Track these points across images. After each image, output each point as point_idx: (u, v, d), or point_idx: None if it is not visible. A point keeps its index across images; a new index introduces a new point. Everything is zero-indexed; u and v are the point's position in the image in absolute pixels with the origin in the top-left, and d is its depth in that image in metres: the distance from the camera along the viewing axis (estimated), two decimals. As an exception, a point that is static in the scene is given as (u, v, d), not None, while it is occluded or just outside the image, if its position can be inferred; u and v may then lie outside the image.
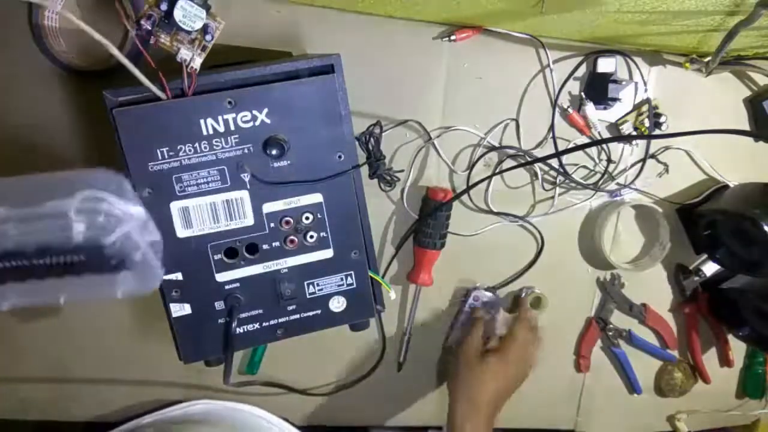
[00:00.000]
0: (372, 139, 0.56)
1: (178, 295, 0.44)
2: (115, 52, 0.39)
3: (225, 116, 0.42)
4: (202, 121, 0.42)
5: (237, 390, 0.63)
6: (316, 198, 0.46)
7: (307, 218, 0.46)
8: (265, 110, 0.42)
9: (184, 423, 0.61)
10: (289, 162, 0.44)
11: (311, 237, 0.46)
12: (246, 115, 0.42)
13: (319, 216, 0.46)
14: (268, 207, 0.45)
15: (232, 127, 0.42)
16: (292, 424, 0.65)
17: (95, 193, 0.35)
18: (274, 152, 0.43)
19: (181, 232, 0.44)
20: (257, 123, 0.43)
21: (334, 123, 0.44)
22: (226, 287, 0.46)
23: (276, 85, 0.43)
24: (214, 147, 0.42)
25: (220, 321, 0.46)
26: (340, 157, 0.45)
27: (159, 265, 0.40)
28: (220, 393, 0.63)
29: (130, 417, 0.63)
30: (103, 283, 0.39)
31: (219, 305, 0.46)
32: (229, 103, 0.42)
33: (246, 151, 0.43)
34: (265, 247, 0.46)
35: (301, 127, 0.44)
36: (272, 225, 0.45)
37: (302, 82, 0.43)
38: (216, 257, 0.45)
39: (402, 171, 0.60)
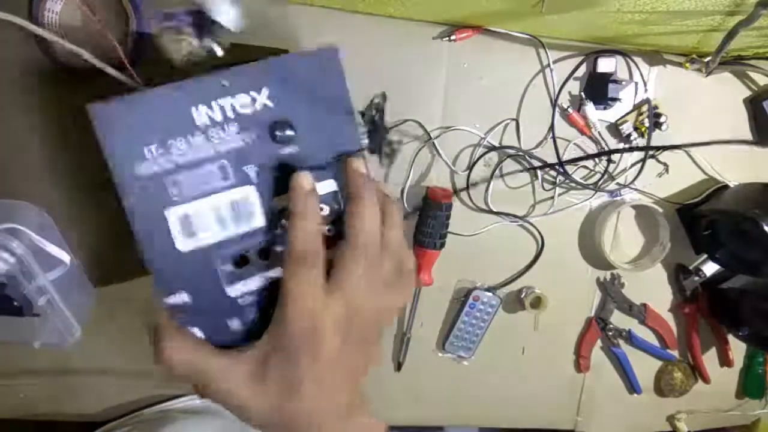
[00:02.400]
0: (377, 113, 0.55)
1: (185, 319, 0.38)
2: (91, 58, 0.38)
3: (220, 101, 0.36)
4: (193, 109, 0.36)
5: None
6: (330, 186, 0.39)
7: (321, 209, 0.39)
8: (265, 91, 0.37)
9: (184, 413, 0.61)
10: (298, 149, 0.38)
11: (329, 231, 0.39)
12: (244, 98, 0.37)
13: (335, 207, 0.39)
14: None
15: (230, 114, 0.36)
16: None
17: (16, 227, 0.34)
18: (285, 134, 0.38)
19: (183, 244, 0.36)
20: (258, 106, 0.37)
21: (337, 102, 0.39)
22: (240, 301, 0.38)
23: (273, 60, 0.37)
24: (211, 139, 0.36)
25: (239, 340, 0.38)
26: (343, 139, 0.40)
27: (75, 323, 0.38)
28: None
29: (131, 412, 0.63)
30: (22, 328, 0.38)
31: (235, 324, 0.38)
32: (223, 85, 0.36)
33: (248, 140, 0.37)
34: (279, 249, 0.38)
35: (305, 109, 0.39)
36: (285, 222, 0.38)
37: (304, 53, 0.38)
38: (224, 268, 0.38)
39: (401, 142, 0.59)
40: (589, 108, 0.61)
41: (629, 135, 0.63)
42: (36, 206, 0.36)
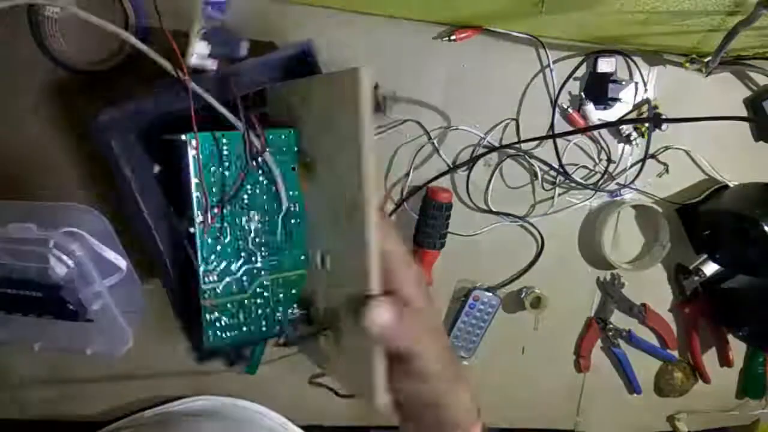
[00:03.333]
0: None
1: None
2: (136, 41, 0.38)
3: None
4: None
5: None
6: None
7: None
8: None
9: (185, 416, 0.61)
10: None
11: None
12: None
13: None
14: None
15: None
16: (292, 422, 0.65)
17: (76, 231, 0.34)
18: None
19: None
20: None
21: None
22: None
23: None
24: None
25: None
26: None
27: (128, 330, 0.38)
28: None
29: (131, 413, 0.63)
30: (75, 335, 0.38)
31: None
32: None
33: None
34: None
35: None
36: None
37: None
38: None
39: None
40: (589, 108, 0.61)
41: (629, 135, 0.63)
42: (97, 211, 0.36)
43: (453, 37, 0.57)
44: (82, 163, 0.55)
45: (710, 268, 0.67)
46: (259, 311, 0.43)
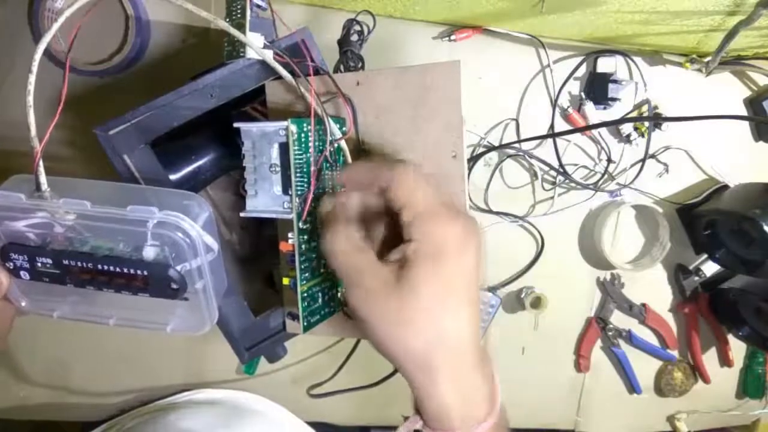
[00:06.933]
0: (359, 39, 0.52)
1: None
2: (223, 24, 0.38)
3: None
4: None
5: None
6: None
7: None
8: None
9: (186, 404, 0.61)
10: None
11: None
12: None
13: None
14: None
15: None
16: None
17: (179, 214, 0.35)
18: None
19: None
20: None
21: None
22: None
23: None
24: None
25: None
26: None
27: (215, 307, 0.39)
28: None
29: (131, 408, 0.63)
30: (156, 311, 0.39)
31: None
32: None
33: None
34: None
35: None
36: None
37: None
38: None
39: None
40: (589, 108, 0.61)
41: (629, 135, 0.63)
42: (199, 196, 0.37)
43: (453, 37, 0.57)
44: (81, 161, 0.55)
45: (710, 268, 0.67)
46: (331, 292, 0.43)
